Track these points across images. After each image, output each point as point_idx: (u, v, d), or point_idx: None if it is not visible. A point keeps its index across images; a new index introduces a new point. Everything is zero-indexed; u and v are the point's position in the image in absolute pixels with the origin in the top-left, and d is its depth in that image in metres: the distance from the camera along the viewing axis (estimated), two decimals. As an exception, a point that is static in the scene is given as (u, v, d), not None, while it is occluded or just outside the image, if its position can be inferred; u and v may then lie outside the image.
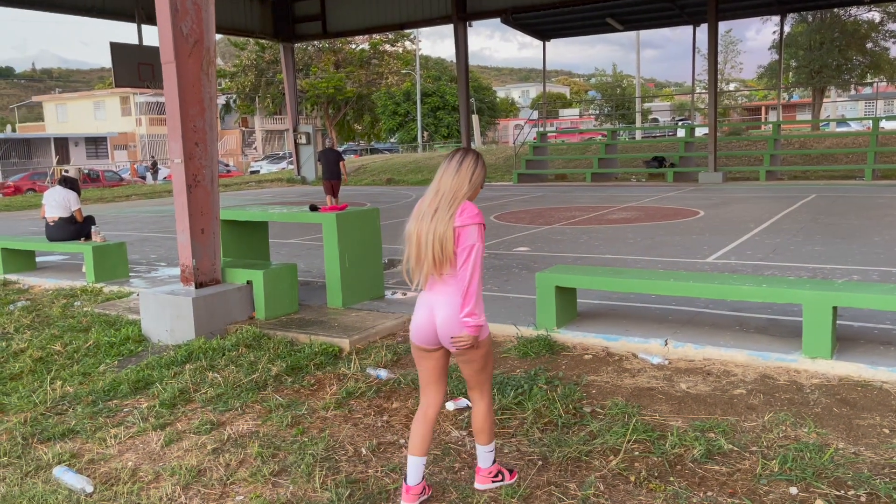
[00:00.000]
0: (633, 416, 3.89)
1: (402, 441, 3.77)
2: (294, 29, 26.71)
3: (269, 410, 4.27)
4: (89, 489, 3.40)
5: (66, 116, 60.61)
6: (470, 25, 23.93)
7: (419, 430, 3.06)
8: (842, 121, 35.31)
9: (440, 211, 2.91)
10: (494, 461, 3.24)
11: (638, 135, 37.41)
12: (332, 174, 15.55)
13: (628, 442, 3.59)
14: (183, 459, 3.66)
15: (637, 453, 3.50)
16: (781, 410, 3.93)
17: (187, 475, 3.48)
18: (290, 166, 34.28)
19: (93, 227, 9.12)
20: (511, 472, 3.31)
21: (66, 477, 3.49)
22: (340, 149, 51.47)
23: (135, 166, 41.93)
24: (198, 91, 5.87)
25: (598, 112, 60.82)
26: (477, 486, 3.24)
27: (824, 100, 42.76)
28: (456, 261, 2.88)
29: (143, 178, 38.96)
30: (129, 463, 3.68)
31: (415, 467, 3.05)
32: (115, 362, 5.37)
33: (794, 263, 7.83)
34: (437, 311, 2.94)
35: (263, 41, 39.90)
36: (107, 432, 4.05)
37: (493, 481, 3.23)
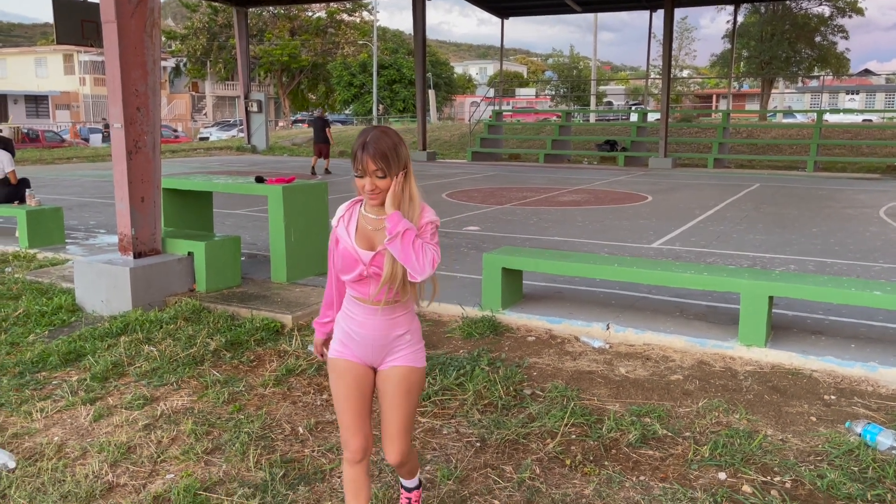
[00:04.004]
0: (572, 400, 3.93)
1: (340, 420, 3.73)
2: (248, -8, 25.94)
3: (205, 386, 4.18)
4: (11, 465, 3.27)
5: (5, 72, 57.94)
6: (429, -1, 23.63)
7: None
8: (788, 112, 36.25)
9: None
10: None
11: (592, 117, 37.73)
12: (320, 139, 18.45)
13: (566, 425, 3.62)
14: (112, 435, 3.56)
15: (574, 437, 3.54)
16: (715, 397, 4.02)
17: (116, 452, 3.37)
18: (241, 134, 33.51)
19: (27, 190, 8.75)
20: None
21: (-13, 452, 3.35)
22: (300, 115, 50.66)
23: (76, 128, 40.36)
24: (140, 53, 5.64)
25: (553, 93, 61.03)
26: None
27: (773, 90, 43.78)
28: None
29: (87, 140, 37.58)
30: (56, 438, 3.55)
31: None
32: (46, 332, 5.18)
33: (735, 251, 8.01)
34: None
35: (216, 3, 38.73)
36: (33, 405, 3.90)
37: None
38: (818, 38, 38.66)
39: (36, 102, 50.89)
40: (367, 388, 2.49)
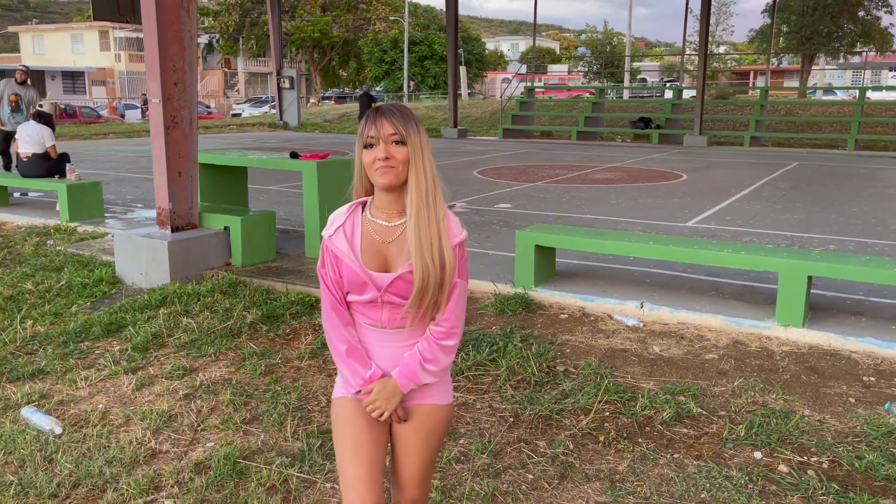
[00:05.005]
0: (605, 377, 3.92)
1: (375, 393, 3.78)
2: (280, -32, 25.88)
3: (242, 358, 4.26)
4: (58, 431, 3.38)
5: (42, 49, 58.84)
6: (461, -27, 23.38)
7: None
8: (828, 89, 35.31)
9: None
10: None
11: (625, 94, 37.20)
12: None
13: (599, 402, 3.62)
14: (154, 404, 3.65)
15: (608, 413, 3.54)
16: (751, 376, 3.99)
17: (158, 420, 3.46)
18: (273, 111, 33.69)
19: (67, 164, 8.92)
20: None
21: (35, 417, 3.47)
22: (329, 93, 50.78)
23: (113, 104, 40.93)
24: (177, 29, 5.68)
25: (586, 69, 60.21)
26: None
27: (813, 67, 42.66)
28: None
29: (122, 116, 38.09)
30: (100, 406, 3.66)
31: None
32: (88, 304, 5.31)
33: (772, 231, 7.88)
34: None
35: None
36: (77, 374, 4.02)
37: None
38: (861, 13, 37.45)
39: (73, 78, 51.63)
40: (382, 435, 2.00)
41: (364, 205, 1.94)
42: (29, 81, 11.06)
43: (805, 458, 3.14)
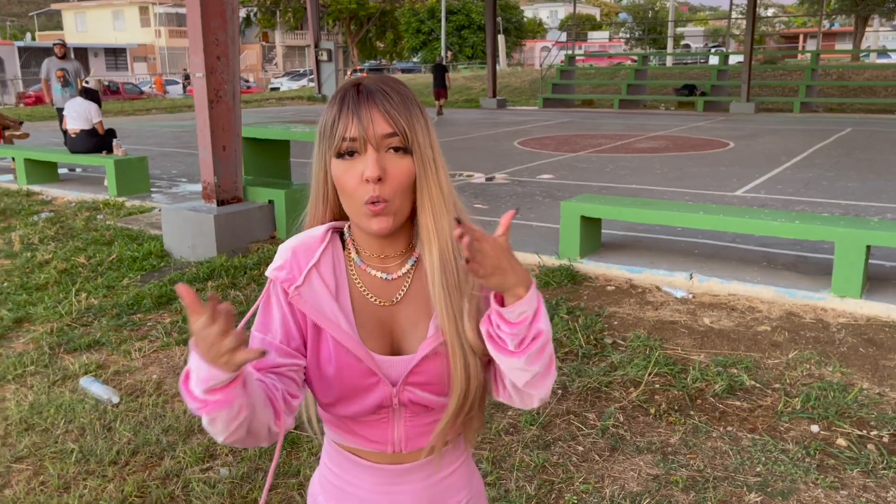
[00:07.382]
0: (654, 349, 3.86)
1: (422, 365, 3.79)
2: (317, -61, 25.71)
3: (290, 330, 4.29)
4: (115, 400, 3.46)
5: (85, 26, 59.79)
6: (500, -61, 22.93)
7: None
8: (883, 51, 33.91)
9: None
10: None
11: (669, 61, 36.31)
12: (439, 84, 19.87)
13: (649, 374, 3.57)
14: (206, 375, 3.71)
15: (658, 386, 3.49)
16: (806, 348, 3.89)
17: (210, 390, 3.52)
18: (311, 84, 33.74)
19: (114, 140, 9.07)
20: None
21: (93, 387, 3.56)
22: (361, 65, 50.68)
23: (161, 79, 41.42)
24: (220, 2, 5.68)
25: (628, 36, 58.87)
26: None
27: (867, 29, 41.02)
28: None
29: (166, 91, 38.58)
30: (154, 376, 3.74)
31: None
32: (139, 276, 5.41)
33: (826, 199, 7.64)
34: None
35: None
36: (131, 345, 4.11)
37: None
38: (920, -30, 35.81)
39: (115, 55, 52.36)
40: None
41: (337, 236, 1.17)
42: (70, 55, 11.27)
43: (864, 431, 3.06)
